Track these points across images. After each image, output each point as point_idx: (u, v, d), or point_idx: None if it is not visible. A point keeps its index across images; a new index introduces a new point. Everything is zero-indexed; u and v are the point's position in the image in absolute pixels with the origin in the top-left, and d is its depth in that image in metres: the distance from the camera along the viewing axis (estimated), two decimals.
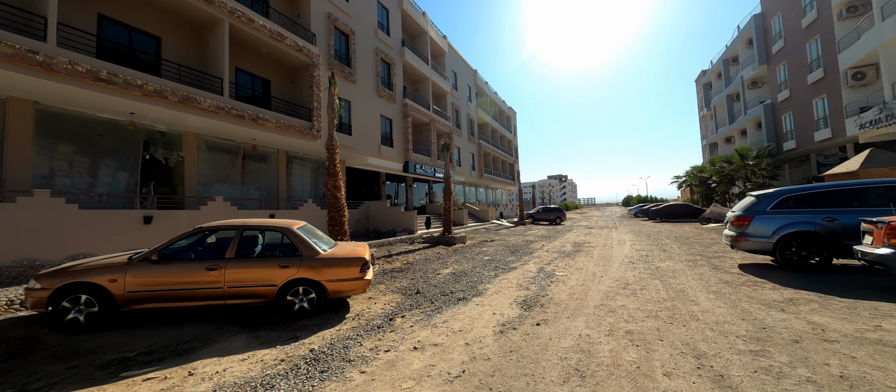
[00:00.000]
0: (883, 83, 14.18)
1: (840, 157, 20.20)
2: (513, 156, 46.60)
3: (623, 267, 7.79)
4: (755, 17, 24.96)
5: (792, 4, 20.74)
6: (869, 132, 14.98)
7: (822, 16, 18.06)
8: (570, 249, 11.27)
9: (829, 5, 17.18)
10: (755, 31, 25.00)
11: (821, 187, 6.63)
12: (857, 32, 15.78)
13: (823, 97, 18.48)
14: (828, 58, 17.79)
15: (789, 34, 21.25)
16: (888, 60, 13.73)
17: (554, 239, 15.18)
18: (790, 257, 6.54)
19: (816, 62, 18.89)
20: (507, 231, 20.51)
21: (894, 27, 13.19)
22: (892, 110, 13.45)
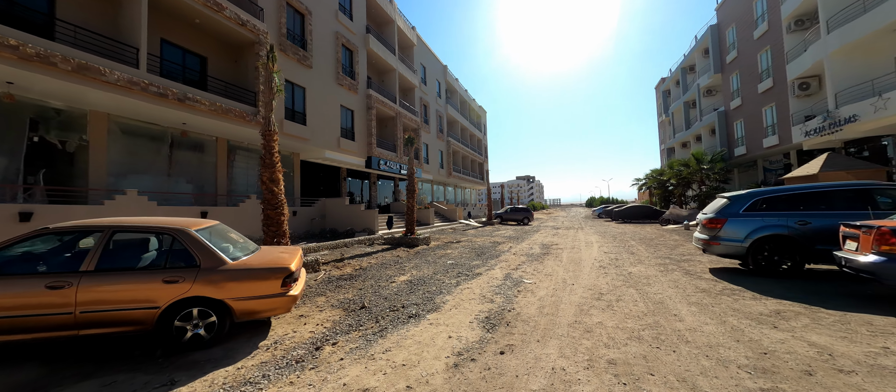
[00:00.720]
0: (827, 93, 15.01)
1: (784, 163, 21.55)
2: (482, 155, 46.35)
3: (594, 272, 7.21)
4: (711, 27, 26.17)
5: (745, 16, 21.82)
6: (813, 139, 15.84)
7: (772, 28, 19.04)
8: (539, 252, 10.69)
9: (779, 18, 18.11)
10: (711, 41, 26.21)
11: (792, 190, 6.38)
12: (804, 44, 16.69)
13: (772, 105, 19.52)
14: (777, 68, 18.79)
15: (742, 45, 22.36)
16: (832, 71, 14.52)
17: (522, 240, 14.66)
18: (763, 262, 6.23)
19: (766, 72, 19.93)
20: (474, 231, 19.84)
21: (838, 40, 13.93)
22: (835, 119, 14.22)
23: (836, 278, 5.87)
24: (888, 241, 4.01)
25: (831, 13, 14.54)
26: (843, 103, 14.26)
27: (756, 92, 20.97)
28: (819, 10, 14.96)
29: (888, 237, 4.01)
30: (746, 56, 21.93)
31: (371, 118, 19.61)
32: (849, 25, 13.60)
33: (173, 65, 11.19)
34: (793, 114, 17.56)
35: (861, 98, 13.66)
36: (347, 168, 20.34)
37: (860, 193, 5.87)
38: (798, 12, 17.08)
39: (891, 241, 3.98)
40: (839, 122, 14.02)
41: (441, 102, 33.43)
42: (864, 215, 5.59)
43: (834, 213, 5.88)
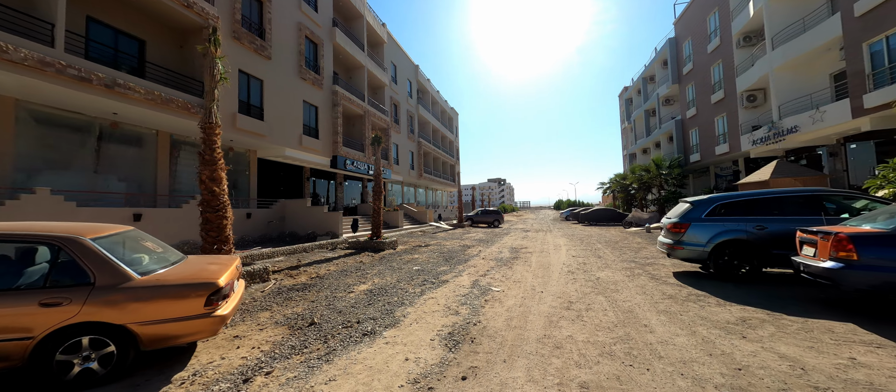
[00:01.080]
0: (771, 105, 16.13)
1: (733, 170, 23.08)
2: (454, 157, 46.21)
3: (563, 278, 7.03)
4: (670, 40, 27.65)
5: (700, 31, 23.19)
6: (759, 148, 16.98)
7: (724, 43, 20.32)
8: (508, 256, 10.47)
9: (730, 34, 19.34)
10: (669, 53, 27.68)
11: (750, 195, 6.53)
12: (751, 59, 17.90)
13: (723, 115, 20.82)
14: (728, 81, 20.06)
15: (697, 58, 23.75)
16: (776, 85, 15.62)
17: (491, 243, 14.45)
18: (723, 266, 6.31)
19: (718, 84, 21.25)
20: (444, 234, 19.46)
21: (782, 56, 15.00)
22: (778, 129, 15.30)
23: (791, 282, 6.04)
24: (845, 247, 4.04)
25: (776, 31, 15.65)
26: (785, 115, 15.37)
27: (709, 102, 22.31)
28: (765, 28, 16.07)
29: (845, 244, 4.04)
30: (701, 68, 23.31)
31: (337, 116, 18.69)
32: (791, 43, 14.69)
33: (102, 47, 9.86)
34: (741, 124, 18.78)
35: (801, 110, 14.77)
36: (311, 167, 19.26)
37: (811, 199, 6.09)
38: (746, 29, 18.31)
39: (848, 248, 4.01)
40: (782, 132, 15.08)
41: (412, 102, 32.85)
42: (815, 221, 5.78)
43: (788, 218, 6.05)
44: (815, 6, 14.67)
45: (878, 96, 11.17)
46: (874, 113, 11.50)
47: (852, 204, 6.09)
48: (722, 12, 20.47)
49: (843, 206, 6.07)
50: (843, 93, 13.71)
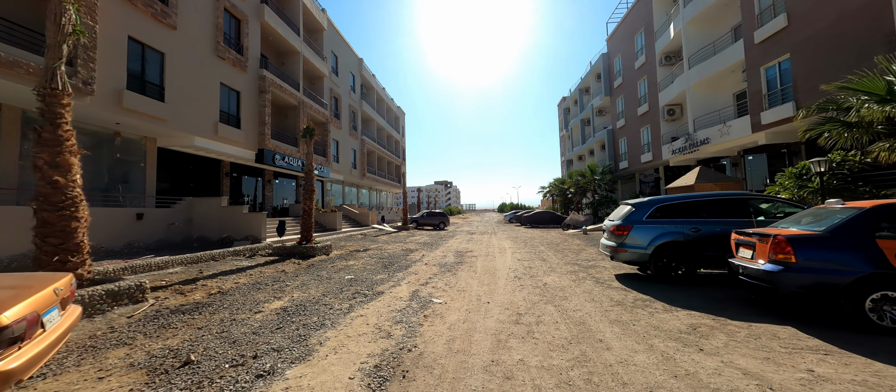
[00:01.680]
0: (688, 119, 17.91)
1: (654, 177, 25.47)
2: (400, 157, 44.96)
3: (510, 285, 6.53)
4: (603, 55, 29.84)
5: (628, 49, 25.28)
6: (677, 157, 18.77)
7: (648, 61, 22.31)
8: (453, 261, 9.82)
9: (654, 53, 21.26)
10: (603, 67, 29.86)
11: (685, 198, 6.67)
12: (671, 77, 19.81)
13: (648, 127, 22.82)
14: (651, 95, 22.03)
15: (626, 73, 25.85)
16: (692, 101, 17.37)
17: (436, 247, 13.76)
18: (662, 268, 6.32)
19: (644, 98, 23.27)
20: (387, 237, 18.32)
21: (697, 75, 16.71)
22: (693, 141, 16.99)
23: (720, 283, 6.22)
24: (784, 249, 4.01)
25: (692, 52, 17.42)
26: (699, 128, 17.14)
27: (636, 114, 24.35)
28: (683, 49, 17.82)
29: (783, 246, 4.01)
30: (629, 83, 25.40)
31: (265, 104, 16.51)
32: (704, 63, 16.41)
33: None
34: (663, 135, 20.68)
35: (711, 124, 16.56)
36: (232, 162, 16.76)
37: (738, 202, 6.36)
38: (667, 50, 20.24)
39: (786, 250, 3.98)
40: (696, 143, 16.77)
41: (355, 98, 31.01)
42: (743, 223, 6.01)
43: (719, 220, 6.24)
44: (724, 31, 16.58)
45: (772, 114, 12.79)
46: (769, 129, 13.16)
47: (767, 207, 6.49)
48: (647, 33, 22.45)
49: (758, 209, 6.43)
50: (744, 110, 15.64)
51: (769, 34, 12.84)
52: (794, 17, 11.88)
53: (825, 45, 10.87)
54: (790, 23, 12.03)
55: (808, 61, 11.43)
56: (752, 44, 13.72)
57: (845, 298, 3.69)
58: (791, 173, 9.96)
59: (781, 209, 6.39)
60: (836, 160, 9.02)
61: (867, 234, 3.73)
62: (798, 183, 9.54)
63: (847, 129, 7.06)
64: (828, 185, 8.85)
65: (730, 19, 16.12)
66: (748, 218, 6.14)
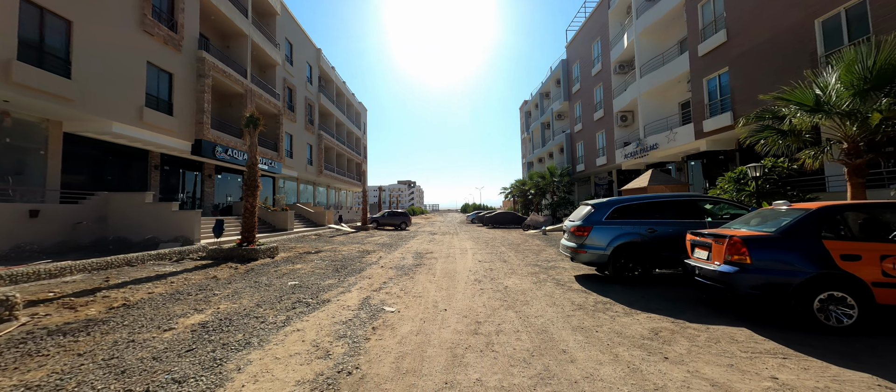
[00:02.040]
0: (639, 125, 18.89)
1: (607, 180, 26.77)
2: (361, 155, 43.41)
3: (470, 289, 6.15)
4: (562, 61, 30.88)
5: (586, 56, 26.32)
6: (629, 161, 19.74)
7: (604, 68, 23.34)
8: (411, 263, 9.30)
9: (610, 61, 22.27)
10: (562, 73, 30.90)
11: (642, 199, 6.71)
12: (625, 84, 20.83)
13: (603, 132, 23.87)
14: (607, 101, 23.06)
15: (583, 79, 26.91)
16: (643, 108, 18.34)
17: (396, 247, 13.13)
18: (620, 269, 6.30)
19: (600, 104, 24.32)
20: (344, 238, 17.31)
21: (648, 84, 17.66)
22: (644, 146, 17.93)
23: (673, 283, 6.32)
24: (739, 250, 3.99)
25: (643, 61, 18.39)
26: (649, 134, 18.12)
27: (592, 119, 25.40)
28: (636, 59, 18.77)
29: (739, 247, 3.99)
30: (586, 89, 26.45)
31: (204, 89, 14.81)
32: (654, 73, 17.37)
33: None
34: (617, 139, 21.70)
35: (660, 131, 17.57)
36: (163, 154, 14.83)
37: (689, 204, 6.51)
38: (621, 59, 21.26)
39: (741, 251, 3.97)
40: (646, 148, 17.71)
41: (313, 90, 29.28)
42: (696, 223, 6.13)
43: (673, 221, 6.33)
44: (672, 44, 17.67)
45: (712, 122, 13.74)
46: (709, 136, 14.15)
47: (714, 208, 6.72)
48: (603, 42, 23.48)
49: (706, 211, 6.63)
50: (688, 119, 16.75)
51: (711, 48, 13.80)
52: (733, 33, 12.83)
53: (759, 60, 11.82)
54: (729, 38, 12.99)
55: (745, 74, 12.39)
56: (696, 56, 14.68)
57: (795, 299, 3.71)
58: (730, 177, 10.67)
59: (727, 210, 6.65)
60: (768, 166, 9.76)
61: (814, 236, 3.79)
62: (736, 186, 10.21)
63: (781, 137, 7.57)
64: (762, 189, 9.55)
65: (678, 33, 17.21)
66: (700, 218, 6.30)
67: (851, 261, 3.59)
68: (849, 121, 6.70)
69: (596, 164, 24.72)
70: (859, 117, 6.42)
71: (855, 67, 6.67)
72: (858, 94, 6.69)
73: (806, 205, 4.22)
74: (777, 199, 9.56)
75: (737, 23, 12.64)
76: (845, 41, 9.34)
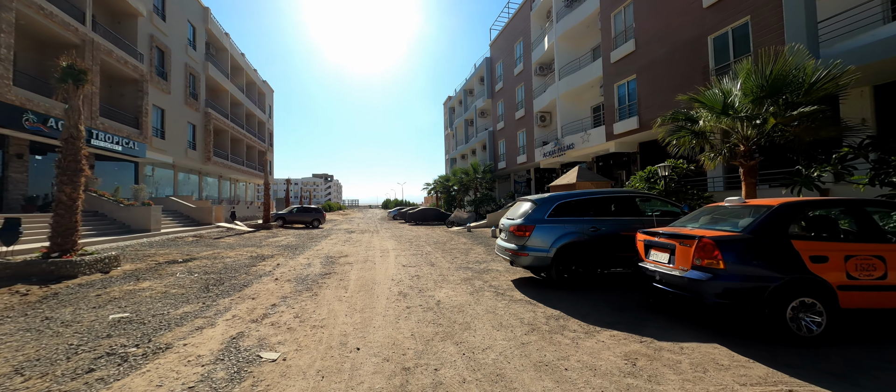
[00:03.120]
0: (557, 125, 19.74)
1: (526, 178, 27.93)
2: (266, 142, 37.76)
3: (393, 308, 4.74)
4: (486, 59, 31.23)
5: (509, 56, 26.91)
6: (547, 160, 20.57)
7: (526, 69, 24.04)
8: (318, 271, 7.42)
9: (531, 62, 22.96)
10: (486, 71, 31.25)
11: (581, 195, 6.18)
12: (544, 86, 21.65)
13: (523, 131, 24.64)
14: (528, 101, 23.81)
15: (506, 78, 27.50)
16: (561, 109, 19.18)
17: (302, 250, 10.87)
18: (563, 272, 5.63)
19: (521, 103, 25.05)
20: (235, 240, 14.05)
21: (566, 86, 18.47)
22: (561, 145, 18.76)
23: (614, 284, 5.90)
24: (711, 254, 3.44)
25: (562, 64, 19.21)
26: (566, 134, 19.02)
27: (514, 118, 26.08)
28: (555, 61, 19.52)
29: (711, 250, 3.43)
30: (509, 88, 27.07)
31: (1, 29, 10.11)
32: (571, 76, 18.21)
33: None
34: (536, 139, 22.51)
35: (576, 132, 18.54)
36: None
37: (628, 200, 6.18)
38: (541, 61, 22.06)
39: (714, 255, 3.42)
40: (563, 147, 18.54)
41: (197, 57, 23.83)
42: (637, 221, 5.79)
43: (615, 218, 5.91)
44: (589, 48, 18.74)
45: (621, 125, 14.78)
46: (618, 138, 15.23)
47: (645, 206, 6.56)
48: (525, 43, 24.15)
49: (640, 208, 6.42)
50: (599, 121, 17.99)
51: (621, 56, 14.80)
52: (641, 43, 13.88)
53: (661, 70, 12.93)
54: (637, 48, 14.03)
55: (649, 83, 13.48)
56: (608, 63, 15.66)
57: (769, 307, 3.27)
58: (641, 176, 11.34)
59: (659, 207, 6.53)
60: (671, 166, 10.54)
61: (782, 236, 3.42)
62: (647, 185, 10.84)
63: (695, 137, 8.00)
64: (669, 187, 10.24)
65: (594, 39, 18.31)
66: (637, 216, 6.00)
67: (820, 263, 3.28)
68: (747, 124, 7.26)
69: (517, 162, 25.45)
70: (759, 122, 6.90)
71: (753, 77, 7.27)
72: (755, 101, 7.32)
73: (764, 201, 3.94)
74: (679, 198, 10.39)
75: (644, 34, 13.69)
76: (731, 57, 10.58)
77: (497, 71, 29.47)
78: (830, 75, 6.64)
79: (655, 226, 5.02)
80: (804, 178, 6.67)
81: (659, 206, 6.51)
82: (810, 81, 6.83)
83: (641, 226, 5.80)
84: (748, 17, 10.02)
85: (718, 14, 10.83)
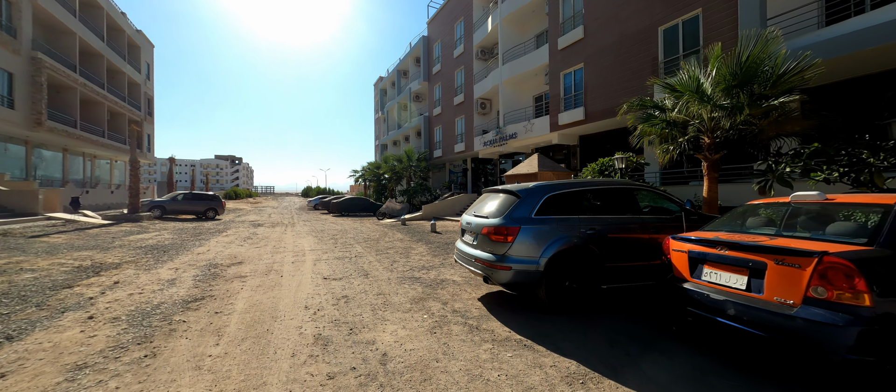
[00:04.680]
0: (499, 113, 18.77)
1: (463, 167, 26.83)
2: (141, 110, 29.82)
3: (303, 377, 2.58)
4: (423, 38, 29.03)
5: (448, 36, 25.17)
6: (487, 149, 19.55)
7: (466, 52, 22.60)
8: (183, 295, 4.70)
9: (472, 45, 21.58)
10: (422, 51, 29.07)
11: (574, 185, 4.74)
12: (486, 71, 20.50)
13: (462, 117, 23.30)
14: (467, 86, 22.46)
15: (445, 61, 25.76)
16: (503, 96, 18.21)
17: (172, 255, 7.62)
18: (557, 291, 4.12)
19: (460, 88, 23.61)
20: (67, 238, 9.73)
21: (510, 71, 17.49)
22: (503, 134, 17.83)
23: (617, 304, 4.61)
24: (849, 283, 2.13)
25: (506, 48, 18.18)
26: (508, 123, 18.13)
27: (452, 104, 24.57)
28: (499, 44, 18.42)
29: (849, 276, 2.13)
30: (447, 71, 25.40)
31: None
32: (516, 61, 17.28)
33: None
34: (476, 127, 21.34)
35: (518, 121, 17.76)
36: None
37: (625, 194, 4.91)
38: (484, 44, 20.84)
39: (854, 284, 2.11)
40: (506, 137, 17.64)
41: None
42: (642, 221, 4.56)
43: (614, 217, 4.59)
44: (535, 33, 17.95)
45: (567, 116, 14.26)
46: (563, 129, 14.73)
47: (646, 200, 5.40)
48: (466, 23, 22.66)
49: (640, 204, 5.22)
50: (541, 112, 17.47)
51: (569, 43, 14.20)
52: (590, 30, 13.38)
53: (610, 60, 12.55)
54: (586, 35, 13.51)
55: (597, 73, 13.06)
56: (556, 49, 14.99)
57: None
58: (593, 168, 10.72)
59: (657, 202, 5.36)
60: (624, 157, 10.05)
61: None
62: (601, 177, 10.21)
63: (668, 126, 7.32)
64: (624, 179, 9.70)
65: (541, 23, 17.55)
66: (635, 213, 4.76)
67: None
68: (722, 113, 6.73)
69: (454, 150, 24.07)
70: (736, 111, 6.35)
71: (727, 63, 6.77)
72: (726, 90, 6.84)
73: (871, 198, 2.82)
74: None
75: (594, 21, 13.19)
76: (680, 51, 10.44)
77: (435, 52, 27.53)
78: (799, 67, 6.39)
79: (685, 227, 3.77)
80: (778, 175, 6.29)
81: (658, 200, 5.37)
82: (779, 72, 6.55)
83: (642, 226, 4.60)
84: (700, 10, 9.88)
85: (670, 4, 10.60)
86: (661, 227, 4.58)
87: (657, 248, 3.87)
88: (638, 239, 4.50)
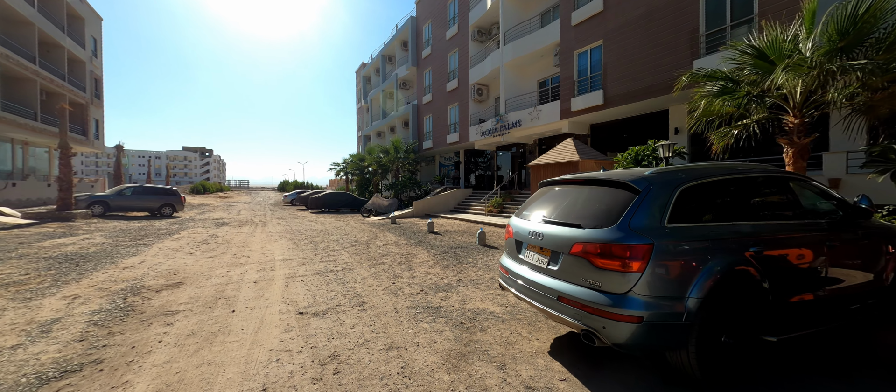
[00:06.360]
0: (500, 98, 16.98)
1: (455, 160, 24.95)
2: (87, 92, 26.12)
3: None
4: (411, 19, 26.76)
5: (440, 16, 23.07)
6: (485, 139, 17.76)
7: (461, 32, 20.62)
8: (59, 355, 2.60)
9: (468, 24, 19.62)
10: (410, 33, 26.82)
11: (718, 172, 2.95)
12: (484, 53, 18.62)
13: (456, 105, 21.37)
14: (462, 71, 20.51)
15: (436, 43, 23.66)
16: (505, 80, 16.43)
17: (88, 270, 5.39)
18: (712, 352, 2.38)
19: (454, 73, 21.63)
20: None
21: (513, 52, 15.71)
22: (505, 122, 16.08)
23: (792, 365, 2.92)
24: None
25: (509, 26, 16.37)
26: (509, 110, 16.38)
27: (444, 90, 22.57)
28: (500, 22, 16.57)
29: None
30: (439, 54, 23.33)
31: None
32: (520, 41, 15.50)
33: None
34: (471, 115, 19.49)
35: (522, 107, 16.03)
36: None
37: (782, 184, 3.18)
38: (481, 23, 18.93)
39: None
40: (508, 125, 15.89)
41: None
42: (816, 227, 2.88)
43: (780, 222, 2.88)
44: (543, 8, 16.15)
45: (581, 101, 12.65)
46: (577, 116, 13.13)
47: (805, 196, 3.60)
48: (461, 1, 20.64)
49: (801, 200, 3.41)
50: (546, 98, 15.82)
51: (585, 17, 12.55)
52: (610, 3, 11.75)
53: (636, 36, 10.98)
54: (606, 8, 11.89)
55: (619, 50, 11.48)
56: (568, 26, 13.32)
57: None
58: (626, 157, 9.15)
59: (812, 200, 3.55)
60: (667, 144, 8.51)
61: None
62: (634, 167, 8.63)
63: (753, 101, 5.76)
64: None
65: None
66: (803, 216, 3.06)
67: None
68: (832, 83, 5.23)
69: (447, 140, 22.13)
70: (878, 71, 4.83)
71: (836, 19, 5.27)
72: (828, 54, 5.35)
73: None
74: None
75: None
76: (728, 21, 8.97)
77: (424, 34, 25.35)
78: None
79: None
80: None
81: (811, 197, 3.54)
82: None
83: (820, 235, 2.92)
84: None
85: None
86: (849, 238, 2.91)
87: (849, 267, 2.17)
88: (817, 256, 2.82)
